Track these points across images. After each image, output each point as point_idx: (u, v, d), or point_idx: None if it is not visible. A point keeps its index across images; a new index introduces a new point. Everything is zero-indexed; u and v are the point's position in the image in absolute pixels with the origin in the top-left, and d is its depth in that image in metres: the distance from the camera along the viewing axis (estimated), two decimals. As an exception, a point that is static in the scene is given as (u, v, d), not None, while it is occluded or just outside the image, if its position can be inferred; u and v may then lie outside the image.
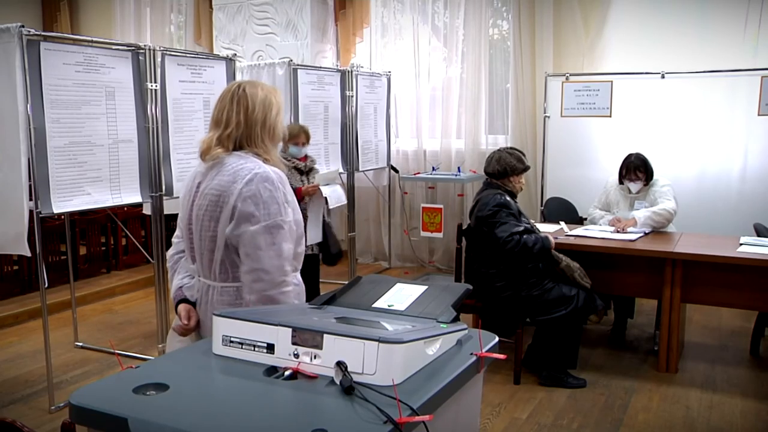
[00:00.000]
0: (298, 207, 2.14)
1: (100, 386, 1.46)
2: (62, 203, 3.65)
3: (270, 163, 2.09)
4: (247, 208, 1.97)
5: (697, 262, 3.96)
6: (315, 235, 4.57)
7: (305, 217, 4.12)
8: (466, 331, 1.69)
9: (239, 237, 1.99)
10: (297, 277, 2.16)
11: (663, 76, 5.53)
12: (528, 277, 3.82)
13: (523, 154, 4.09)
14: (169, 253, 2.30)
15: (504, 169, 3.96)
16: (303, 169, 4.65)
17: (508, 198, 3.90)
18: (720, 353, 4.47)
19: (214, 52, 7.00)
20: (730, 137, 5.37)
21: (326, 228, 4.71)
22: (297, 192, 4.27)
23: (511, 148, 4.20)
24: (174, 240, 2.28)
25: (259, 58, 6.91)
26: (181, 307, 2.16)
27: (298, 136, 4.60)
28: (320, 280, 6.44)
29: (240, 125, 2.08)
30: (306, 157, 4.72)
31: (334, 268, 6.96)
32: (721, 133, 5.40)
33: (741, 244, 4.11)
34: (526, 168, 4.03)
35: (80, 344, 4.67)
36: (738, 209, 5.28)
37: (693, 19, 5.78)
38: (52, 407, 3.64)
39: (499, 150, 4.11)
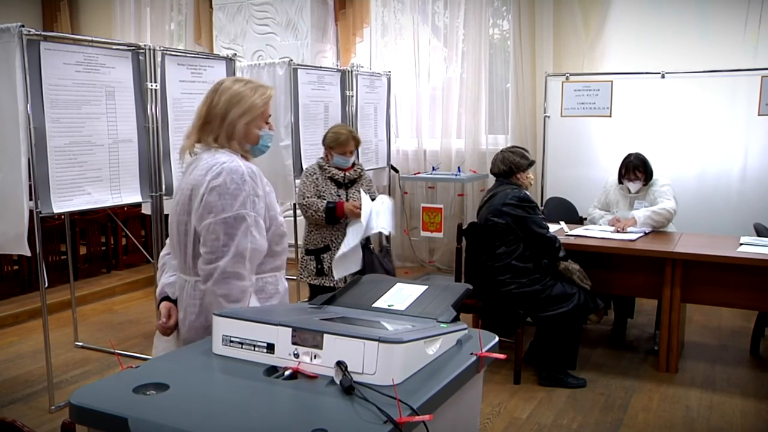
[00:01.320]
0: (276, 203, 2.11)
1: (100, 386, 1.46)
2: (62, 203, 3.65)
3: (249, 160, 2.10)
4: (211, 199, 1.96)
5: (697, 262, 3.96)
6: (348, 264, 3.82)
7: (338, 239, 3.87)
8: (466, 331, 1.69)
9: (202, 228, 1.98)
10: (277, 277, 2.13)
11: (663, 76, 5.53)
12: (531, 272, 3.83)
13: (526, 151, 4.10)
14: (161, 253, 2.30)
15: (509, 167, 3.98)
16: (342, 181, 4.02)
17: (527, 192, 3.94)
18: (720, 353, 4.47)
19: (214, 52, 7.00)
20: (730, 137, 5.37)
21: (373, 258, 3.92)
22: (338, 208, 3.86)
23: (513, 146, 4.22)
24: (167, 241, 2.28)
25: (259, 58, 6.91)
26: (162, 305, 2.16)
27: (346, 144, 3.99)
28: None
29: (200, 118, 2.09)
30: (353, 164, 4.11)
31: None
32: (721, 132, 5.40)
33: (741, 244, 4.11)
34: (531, 163, 4.04)
35: (80, 344, 4.67)
36: (738, 209, 5.28)
37: (693, 18, 5.78)
38: (52, 407, 3.65)
39: (501, 151, 4.12)
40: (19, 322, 5.17)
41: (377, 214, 3.83)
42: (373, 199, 3.96)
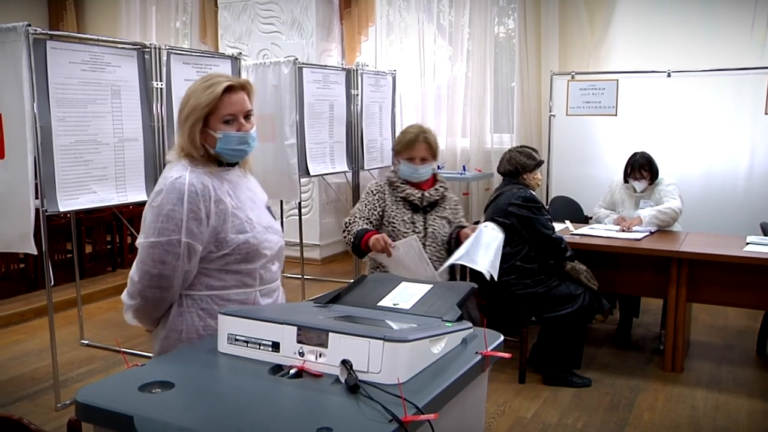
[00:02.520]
0: (242, 221, 1.92)
1: (105, 384, 1.46)
2: (68, 201, 3.66)
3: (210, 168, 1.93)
4: (147, 218, 1.91)
5: (703, 262, 3.94)
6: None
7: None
8: (471, 330, 1.69)
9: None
10: (247, 293, 1.96)
11: (669, 75, 5.51)
12: (536, 273, 3.82)
13: (535, 150, 4.07)
14: None
15: (515, 168, 3.96)
16: (418, 203, 3.08)
17: (533, 192, 3.92)
18: (726, 353, 4.45)
19: (220, 51, 7.01)
20: (737, 136, 5.35)
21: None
22: (364, 238, 2.90)
23: (521, 146, 4.19)
24: None
25: (264, 57, 6.91)
26: None
27: (413, 146, 3.06)
28: (327, 279, 6.46)
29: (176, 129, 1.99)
30: (434, 180, 3.17)
31: (339, 265, 7.02)
32: (728, 131, 5.38)
33: (747, 244, 4.09)
34: (539, 163, 4.00)
35: (86, 342, 4.69)
36: (744, 208, 5.27)
37: (699, 17, 5.76)
38: (59, 405, 3.66)
39: (509, 150, 4.10)
40: (25, 320, 5.19)
41: (486, 248, 2.84)
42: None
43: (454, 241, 3.09)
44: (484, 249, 2.84)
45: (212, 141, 1.92)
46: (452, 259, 2.81)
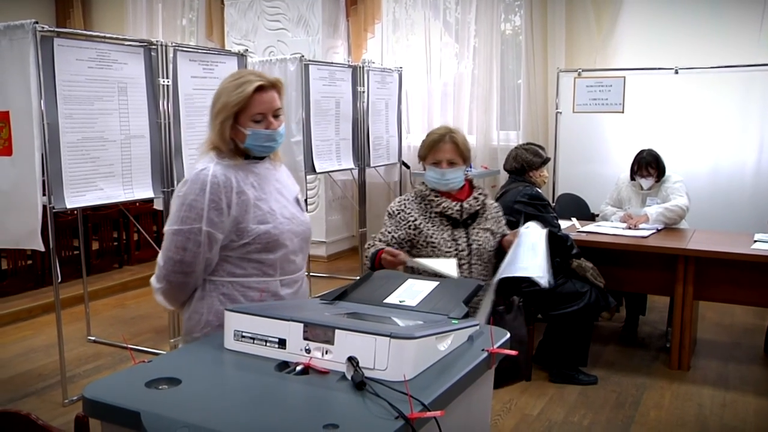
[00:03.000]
0: (264, 213, 1.96)
1: (112, 380, 1.47)
2: (75, 198, 3.68)
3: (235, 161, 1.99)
4: (173, 206, 1.98)
5: (711, 259, 3.93)
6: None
7: None
8: (478, 327, 1.68)
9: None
10: (267, 283, 2.00)
11: (677, 72, 5.49)
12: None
13: (541, 148, 4.04)
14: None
15: (521, 165, 3.94)
16: (458, 217, 2.69)
17: (539, 190, 3.89)
18: (733, 351, 4.44)
19: (226, 48, 7.02)
20: (744, 133, 5.33)
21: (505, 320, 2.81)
22: (376, 258, 2.55)
23: (527, 143, 4.17)
24: None
25: (270, 54, 6.92)
26: None
27: (438, 147, 2.69)
28: (333, 276, 6.46)
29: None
30: (470, 185, 2.80)
31: (345, 262, 7.03)
32: (735, 128, 5.35)
33: (755, 241, 4.07)
34: (545, 161, 3.98)
35: (93, 338, 4.71)
36: (752, 205, 5.24)
37: (707, 13, 5.73)
38: (66, 401, 3.67)
39: (515, 147, 4.08)
40: (33, 317, 5.21)
41: (532, 250, 2.53)
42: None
43: (500, 254, 2.72)
44: (531, 252, 2.53)
45: (242, 137, 1.98)
46: (499, 275, 2.45)
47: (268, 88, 1.98)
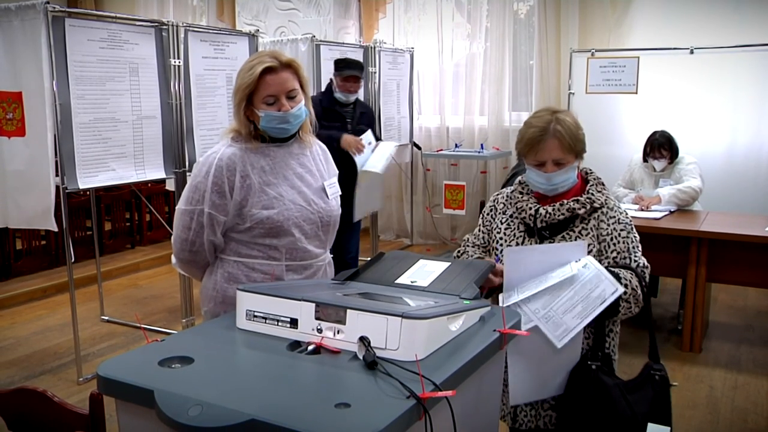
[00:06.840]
0: (270, 197, 1.95)
1: (126, 359, 1.48)
2: (87, 179, 3.70)
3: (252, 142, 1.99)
4: (186, 186, 2.03)
5: (724, 241, 3.90)
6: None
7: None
8: (489, 308, 1.68)
9: None
10: (272, 266, 1.98)
11: (692, 52, 5.41)
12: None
13: None
14: None
15: None
16: (530, 223, 2.02)
17: None
18: (745, 333, 4.42)
19: (237, 28, 6.99)
20: (760, 114, 5.26)
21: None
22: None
23: None
24: None
25: (281, 34, 6.88)
26: None
27: (538, 147, 2.00)
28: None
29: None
30: (582, 186, 2.21)
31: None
32: (751, 109, 5.28)
33: (769, 223, 4.04)
34: None
35: (106, 318, 4.75)
36: (767, 187, 5.19)
37: (723, -8, 5.64)
38: (80, 379, 3.72)
39: None
40: (47, 296, 5.27)
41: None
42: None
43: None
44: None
45: (257, 119, 1.97)
46: (505, 302, 1.88)
47: (279, 69, 1.94)
